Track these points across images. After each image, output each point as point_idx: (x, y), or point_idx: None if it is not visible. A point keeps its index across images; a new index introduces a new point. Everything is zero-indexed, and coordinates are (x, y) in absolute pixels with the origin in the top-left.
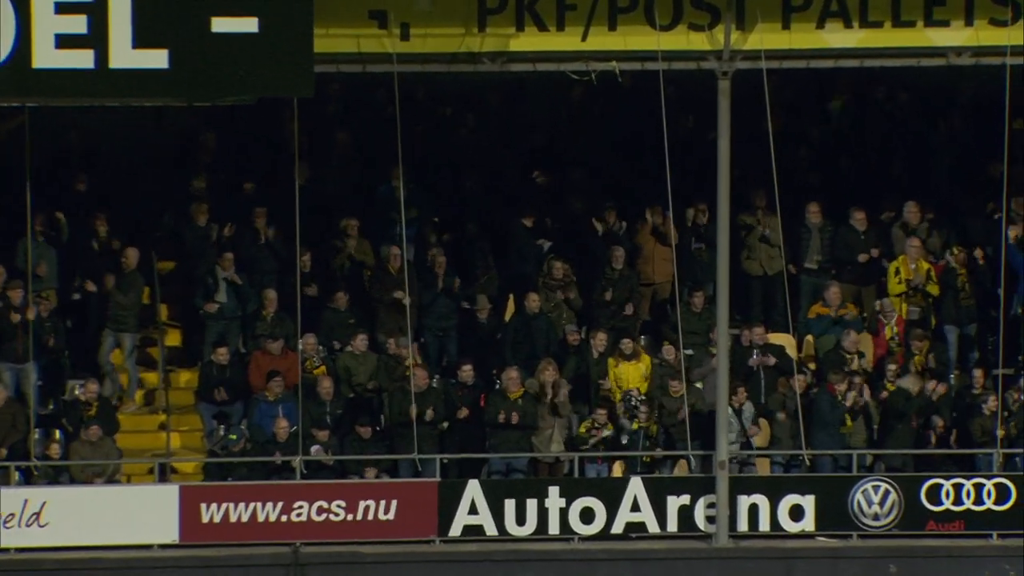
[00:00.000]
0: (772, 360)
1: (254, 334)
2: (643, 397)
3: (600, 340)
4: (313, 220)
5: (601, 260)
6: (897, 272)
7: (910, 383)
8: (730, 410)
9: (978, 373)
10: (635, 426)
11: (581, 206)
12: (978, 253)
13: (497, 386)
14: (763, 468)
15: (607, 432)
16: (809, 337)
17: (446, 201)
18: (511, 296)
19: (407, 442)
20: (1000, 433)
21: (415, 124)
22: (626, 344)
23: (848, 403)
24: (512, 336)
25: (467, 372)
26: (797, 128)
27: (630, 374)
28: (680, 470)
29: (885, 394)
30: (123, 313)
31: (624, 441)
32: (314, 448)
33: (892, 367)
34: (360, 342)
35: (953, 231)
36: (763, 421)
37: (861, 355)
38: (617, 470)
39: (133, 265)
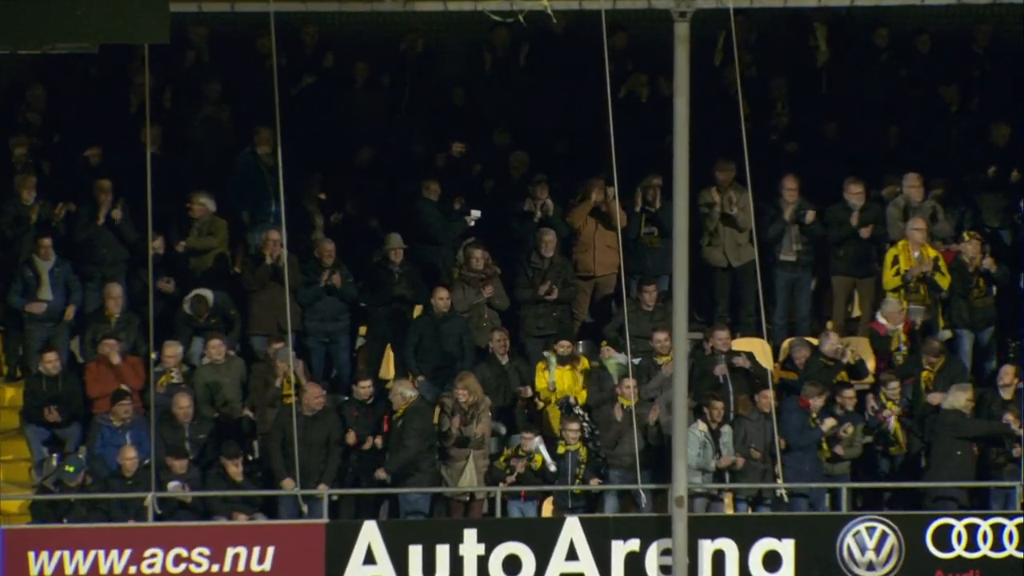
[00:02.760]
0: (746, 362)
1: (94, 339)
2: (582, 409)
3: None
4: (169, 196)
5: (528, 247)
6: (895, 261)
7: (961, 401)
8: (704, 430)
9: (1007, 373)
10: (561, 450)
11: (505, 180)
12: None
13: None
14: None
15: (534, 463)
16: (787, 343)
17: (335, 174)
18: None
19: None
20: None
21: (300, 78)
22: (563, 345)
23: (824, 427)
24: (416, 343)
25: (365, 388)
26: (772, 83)
27: (565, 382)
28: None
29: (887, 412)
30: None
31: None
32: (172, 484)
33: (893, 384)
34: (215, 349)
35: (968, 211)
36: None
37: (858, 363)
38: (547, 508)
39: None
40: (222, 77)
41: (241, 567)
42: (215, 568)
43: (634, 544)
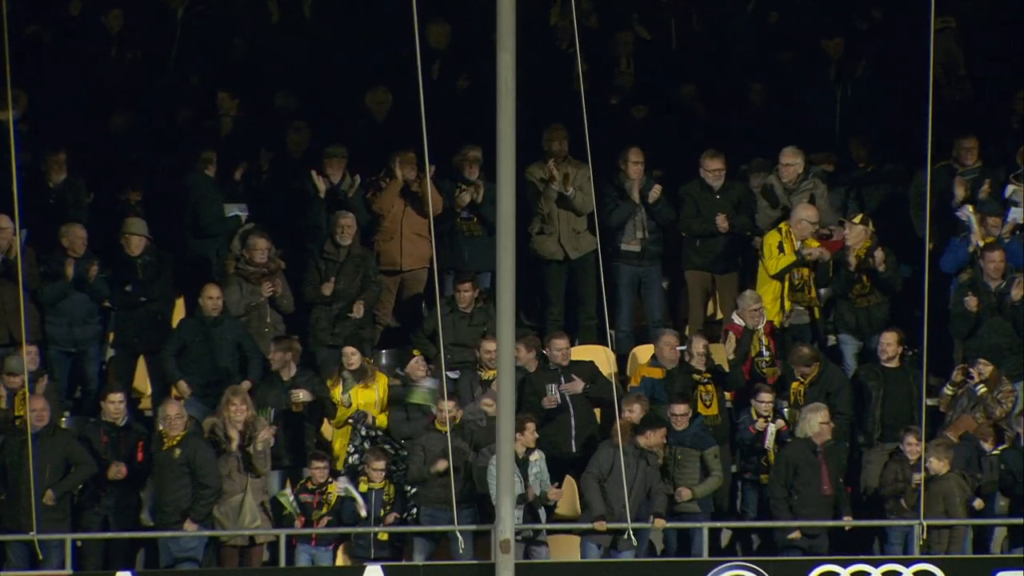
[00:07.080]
0: (580, 385)
1: None
2: (377, 430)
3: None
4: None
5: (322, 234)
6: (781, 249)
7: (815, 423)
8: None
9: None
10: (363, 487)
11: (294, 150)
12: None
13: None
14: (569, 547)
15: (333, 495)
16: (640, 349)
17: (87, 145)
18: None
19: (23, 516)
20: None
21: (42, 30)
22: (350, 355)
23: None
24: (179, 352)
25: (115, 404)
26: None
27: (362, 401)
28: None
29: (760, 425)
30: None
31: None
32: None
33: (765, 396)
34: None
35: (854, 191)
36: (569, 478)
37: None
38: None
39: None
40: None
41: None
42: None
43: None
